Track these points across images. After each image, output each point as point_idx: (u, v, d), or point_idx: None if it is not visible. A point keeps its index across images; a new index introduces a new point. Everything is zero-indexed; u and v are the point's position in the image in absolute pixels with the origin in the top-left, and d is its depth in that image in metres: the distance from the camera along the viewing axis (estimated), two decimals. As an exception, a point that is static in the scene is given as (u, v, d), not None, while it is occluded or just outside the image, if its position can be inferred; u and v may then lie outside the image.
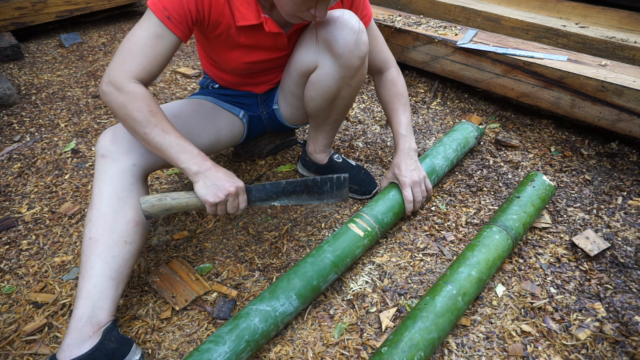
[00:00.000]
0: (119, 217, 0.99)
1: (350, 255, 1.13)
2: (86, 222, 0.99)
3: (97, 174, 1.02)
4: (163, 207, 0.99)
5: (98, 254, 0.96)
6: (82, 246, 0.98)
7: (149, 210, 0.98)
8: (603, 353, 1.00)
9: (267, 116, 1.38)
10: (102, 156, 1.02)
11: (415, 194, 1.27)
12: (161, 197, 0.99)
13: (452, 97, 2.05)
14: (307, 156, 1.48)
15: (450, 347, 1.01)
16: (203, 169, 0.97)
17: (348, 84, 1.16)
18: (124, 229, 0.99)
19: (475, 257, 1.10)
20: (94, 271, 0.95)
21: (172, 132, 0.97)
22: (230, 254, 1.26)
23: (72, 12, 2.70)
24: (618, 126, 1.57)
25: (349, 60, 1.10)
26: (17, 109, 1.94)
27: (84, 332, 0.90)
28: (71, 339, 0.90)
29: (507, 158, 1.64)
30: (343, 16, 1.07)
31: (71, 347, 0.89)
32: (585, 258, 1.23)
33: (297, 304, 1.02)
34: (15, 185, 1.50)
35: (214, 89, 1.34)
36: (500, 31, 2.14)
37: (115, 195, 0.99)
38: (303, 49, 1.16)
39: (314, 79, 1.17)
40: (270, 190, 1.05)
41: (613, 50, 1.84)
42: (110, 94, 0.94)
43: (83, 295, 0.93)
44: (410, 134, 1.31)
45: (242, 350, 0.91)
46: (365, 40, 1.09)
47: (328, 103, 1.21)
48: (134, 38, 0.95)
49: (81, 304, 0.93)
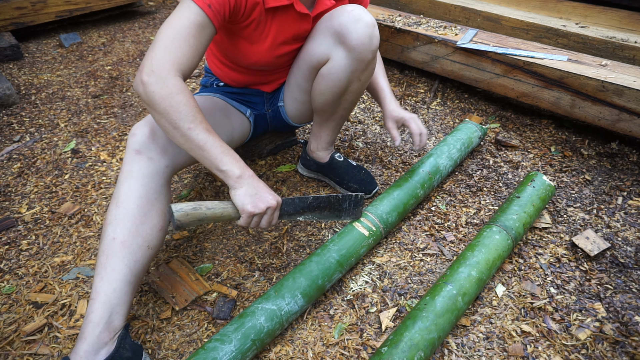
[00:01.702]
0: (146, 221, 0.95)
1: (355, 254, 1.14)
2: (110, 219, 0.94)
3: (129, 170, 0.97)
4: (197, 217, 0.92)
5: (121, 257, 0.92)
6: (103, 244, 0.93)
7: (182, 219, 0.90)
8: (603, 353, 1.00)
9: (272, 114, 1.39)
10: (137, 152, 0.97)
11: (421, 127, 1.31)
12: (195, 205, 0.92)
13: (452, 97, 2.05)
14: (307, 155, 1.48)
15: (450, 347, 1.01)
16: (246, 175, 0.93)
17: (358, 77, 1.17)
18: (149, 233, 0.95)
19: (475, 257, 1.10)
20: (114, 274, 0.91)
21: (214, 132, 0.92)
22: (230, 254, 1.26)
23: (72, 12, 2.70)
24: (618, 126, 1.57)
25: (362, 53, 1.10)
26: (17, 109, 1.94)
27: (101, 338, 0.87)
28: (88, 345, 0.86)
29: (507, 158, 1.64)
30: (356, 10, 1.08)
31: (88, 354, 0.86)
32: (585, 258, 1.23)
33: (303, 303, 1.02)
34: (15, 185, 1.50)
35: (219, 87, 1.33)
36: (500, 31, 2.14)
37: (145, 197, 0.96)
38: (315, 42, 1.16)
39: (325, 72, 1.17)
40: (299, 205, 1.05)
41: (613, 50, 1.84)
42: (153, 85, 0.86)
43: (101, 299, 0.89)
44: (393, 95, 1.37)
45: (248, 349, 0.91)
46: (377, 34, 1.11)
47: (337, 97, 1.22)
48: (176, 27, 0.88)
49: (99, 308, 0.88)
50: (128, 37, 2.74)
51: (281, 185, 1.51)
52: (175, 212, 0.90)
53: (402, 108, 1.34)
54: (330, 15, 1.12)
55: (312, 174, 1.52)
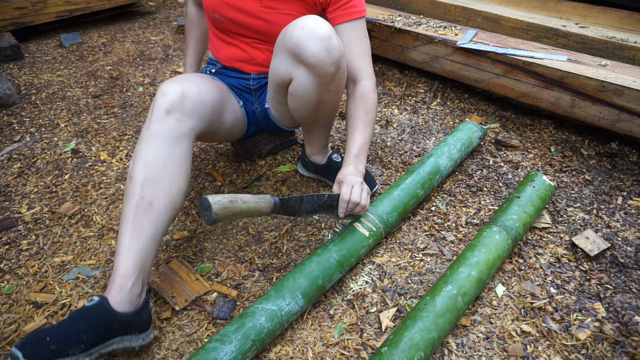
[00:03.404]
0: (174, 182, 0.98)
1: (355, 255, 1.14)
2: (138, 178, 0.96)
3: (157, 130, 0.98)
4: (233, 211, 0.88)
5: (150, 217, 0.95)
6: (131, 202, 0.95)
7: (220, 213, 0.86)
8: (603, 353, 1.00)
9: (261, 114, 1.39)
10: (168, 112, 0.99)
11: (354, 194, 1.08)
12: (232, 198, 0.88)
13: (452, 97, 2.05)
14: (306, 157, 1.48)
15: (450, 347, 1.01)
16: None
17: (328, 89, 1.12)
18: (176, 194, 0.98)
19: (475, 257, 1.10)
20: (143, 233, 0.94)
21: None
22: (230, 254, 1.26)
23: (72, 12, 2.70)
24: (618, 126, 1.57)
25: (323, 69, 1.05)
26: (17, 109, 1.94)
27: (133, 292, 0.92)
28: (123, 295, 0.90)
29: (507, 158, 1.64)
30: (310, 23, 1.02)
31: (123, 303, 0.90)
32: (585, 258, 1.23)
33: (303, 303, 1.02)
34: (15, 185, 1.50)
35: (212, 73, 1.36)
36: (500, 31, 2.14)
37: (173, 159, 0.98)
38: (276, 61, 1.13)
39: (293, 91, 1.14)
40: (296, 202, 1.06)
41: (613, 50, 1.84)
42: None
43: (132, 255, 0.92)
44: (362, 155, 1.17)
45: (249, 349, 0.92)
46: (335, 45, 1.03)
47: (312, 111, 1.19)
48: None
49: (131, 264, 0.92)
50: (128, 37, 2.74)
51: (281, 185, 1.51)
52: (213, 204, 0.86)
53: (355, 172, 1.14)
54: (284, 32, 1.06)
55: (312, 175, 1.52)
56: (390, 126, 1.84)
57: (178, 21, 2.82)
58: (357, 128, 1.18)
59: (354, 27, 1.19)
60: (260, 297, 1.01)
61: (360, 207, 1.10)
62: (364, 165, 1.18)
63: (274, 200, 1.01)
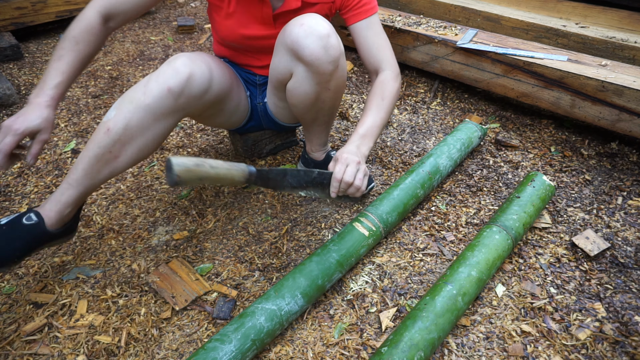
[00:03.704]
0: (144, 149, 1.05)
1: (355, 254, 1.14)
2: (113, 134, 0.99)
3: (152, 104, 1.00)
4: (198, 175, 0.83)
5: (110, 166, 1.02)
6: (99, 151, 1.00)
7: (182, 175, 0.82)
8: (603, 353, 1.00)
9: (262, 108, 1.40)
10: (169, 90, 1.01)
11: (347, 173, 1.01)
12: (198, 162, 0.83)
13: (452, 97, 2.05)
14: (306, 154, 1.49)
15: (450, 347, 1.01)
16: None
17: (326, 88, 1.13)
18: (140, 158, 1.06)
19: (475, 257, 1.10)
20: (99, 176, 1.02)
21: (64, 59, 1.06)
22: (230, 254, 1.26)
23: (72, 12, 2.70)
24: (618, 126, 1.57)
25: (320, 67, 1.06)
26: (17, 109, 1.94)
27: (69, 215, 1.03)
28: (59, 217, 1.00)
29: (507, 158, 1.64)
30: (309, 21, 1.03)
31: (57, 224, 1.01)
32: (585, 258, 1.23)
33: (302, 303, 1.02)
34: (15, 185, 1.50)
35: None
36: (500, 31, 2.14)
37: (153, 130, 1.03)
38: (276, 57, 1.16)
39: (291, 88, 1.16)
40: (279, 174, 1.01)
41: (613, 50, 1.84)
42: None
43: (81, 190, 1.01)
44: (369, 137, 1.12)
45: (248, 349, 0.92)
46: (334, 43, 1.04)
47: (310, 108, 1.20)
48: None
49: (75, 196, 1.01)
50: (128, 37, 2.74)
51: (281, 185, 1.51)
52: (175, 165, 0.80)
53: (356, 151, 1.07)
54: (284, 30, 1.08)
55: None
56: (390, 126, 1.84)
57: (178, 21, 2.82)
58: (370, 111, 1.16)
59: (368, 24, 1.21)
60: (260, 297, 1.01)
61: (353, 188, 1.01)
62: (368, 148, 1.11)
63: (249, 169, 0.95)
